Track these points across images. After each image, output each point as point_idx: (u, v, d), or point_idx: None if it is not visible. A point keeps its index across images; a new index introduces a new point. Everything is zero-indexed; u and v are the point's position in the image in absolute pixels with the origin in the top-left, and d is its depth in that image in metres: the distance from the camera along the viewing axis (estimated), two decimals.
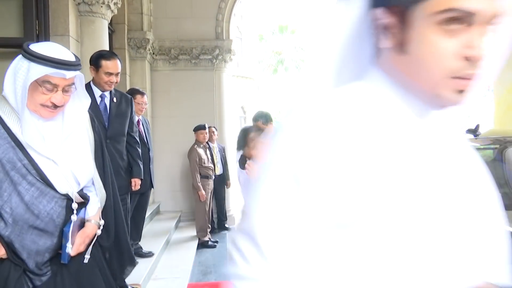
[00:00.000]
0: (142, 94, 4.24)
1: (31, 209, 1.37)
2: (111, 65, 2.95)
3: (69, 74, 1.35)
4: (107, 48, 4.21)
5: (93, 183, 1.57)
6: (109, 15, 4.22)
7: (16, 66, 1.34)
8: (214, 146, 6.31)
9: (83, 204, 1.50)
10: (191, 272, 4.38)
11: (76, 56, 1.41)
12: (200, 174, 5.64)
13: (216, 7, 6.81)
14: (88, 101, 1.54)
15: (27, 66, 1.31)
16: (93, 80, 3.08)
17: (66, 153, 1.43)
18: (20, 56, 1.35)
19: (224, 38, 6.84)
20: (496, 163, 2.73)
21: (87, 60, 3.96)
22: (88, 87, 2.92)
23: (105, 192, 1.60)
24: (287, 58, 46.80)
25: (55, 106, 1.37)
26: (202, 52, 6.76)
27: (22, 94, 1.32)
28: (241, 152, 2.84)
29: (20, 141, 1.35)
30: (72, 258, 1.46)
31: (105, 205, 1.62)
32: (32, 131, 1.36)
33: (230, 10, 6.87)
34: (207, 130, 5.83)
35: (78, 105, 1.50)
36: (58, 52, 1.36)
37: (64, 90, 1.38)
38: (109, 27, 4.70)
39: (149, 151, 4.28)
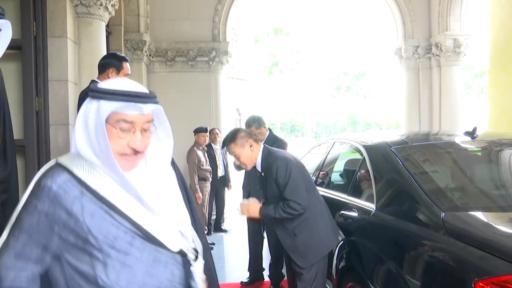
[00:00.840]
0: None
1: (150, 282, 1.10)
2: (129, 67, 2.95)
3: (146, 108, 1.11)
4: (105, 50, 4.21)
5: None
6: (106, 16, 4.22)
7: (85, 112, 1.12)
8: (217, 148, 6.31)
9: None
10: None
11: (150, 91, 1.17)
12: (198, 176, 5.64)
13: (213, 9, 6.82)
14: (170, 142, 1.26)
15: (96, 107, 1.09)
16: None
17: (161, 205, 1.18)
18: (87, 100, 1.14)
19: (220, 40, 6.86)
20: (492, 165, 2.76)
21: (84, 61, 3.97)
22: None
23: (201, 242, 1.33)
24: (282, 60, 46.99)
25: (135, 152, 1.13)
26: (199, 54, 6.77)
27: (101, 137, 1.08)
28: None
29: (110, 201, 1.09)
30: None
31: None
32: (124, 184, 1.11)
33: (227, 12, 6.89)
34: (208, 133, 5.83)
35: (159, 148, 1.23)
36: (130, 86, 1.13)
37: (143, 130, 1.13)
38: (105, 29, 4.69)
39: None
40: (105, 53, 4.01)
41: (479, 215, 2.04)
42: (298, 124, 66.63)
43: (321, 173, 3.71)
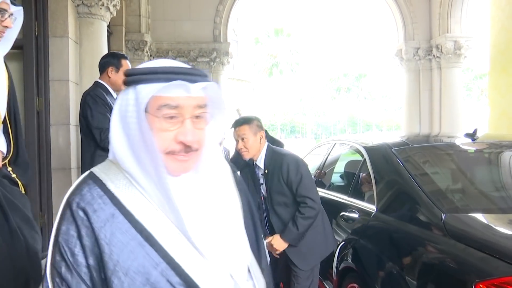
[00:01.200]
0: None
1: None
2: (129, 64, 2.95)
3: (195, 87, 0.83)
4: (106, 50, 4.21)
5: (248, 270, 0.95)
6: (108, 17, 4.22)
7: (121, 105, 0.86)
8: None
9: None
10: None
11: (199, 69, 0.91)
12: None
13: (214, 10, 6.84)
14: (221, 132, 0.94)
15: (134, 95, 0.83)
16: (109, 82, 2.91)
17: (209, 236, 0.86)
18: (121, 92, 0.88)
19: (221, 40, 6.87)
20: (492, 167, 2.76)
21: (85, 61, 3.97)
22: (107, 90, 2.84)
23: (264, 281, 0.99)
24: (282, 61, 47.06)
25: (187, 149, 0.83)
26: (200, 55, 6.79)
27: (146, 133, 0.81)
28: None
29: (149, 231, 0.81)
30: None
31: None
32: (170, 206, 0.82)
33: (228, 12, 6.91)
34: None
35: (213, 142, 0.92)
36: (173, 62, 0.89)
37: (195, 118, 0.84)
38: (107, 29, 4.70)
39: None
40: (106, 53, 4.02)
41: (480, 216, 2.05)
42: (298, 125, 66.67)
43: (321, 174, 3.71)
